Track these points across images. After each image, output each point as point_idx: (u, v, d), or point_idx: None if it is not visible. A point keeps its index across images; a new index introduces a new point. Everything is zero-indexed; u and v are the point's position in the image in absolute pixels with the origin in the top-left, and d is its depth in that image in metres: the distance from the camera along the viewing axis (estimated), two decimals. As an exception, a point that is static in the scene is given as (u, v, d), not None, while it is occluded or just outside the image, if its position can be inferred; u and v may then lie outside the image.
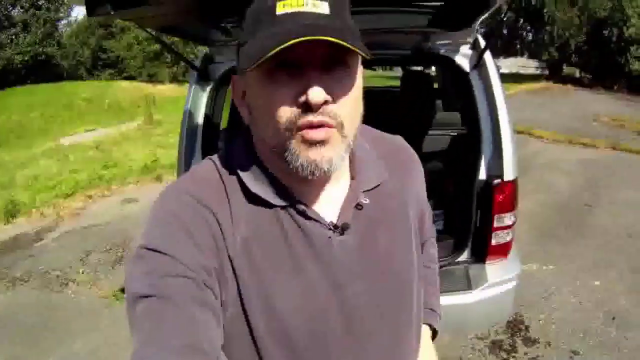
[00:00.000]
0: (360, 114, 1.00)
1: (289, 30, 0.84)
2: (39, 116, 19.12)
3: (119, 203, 8.39)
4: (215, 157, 1.08)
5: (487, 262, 3.17)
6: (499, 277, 3.12)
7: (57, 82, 27.01)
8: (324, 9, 0.89)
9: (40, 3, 30.92)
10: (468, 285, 3.08)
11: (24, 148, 14.40)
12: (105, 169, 10.46)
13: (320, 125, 0.89)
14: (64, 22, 35.36)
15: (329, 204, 1.04)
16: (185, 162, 3.32)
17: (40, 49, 29.51)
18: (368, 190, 1.08)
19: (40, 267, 5.93)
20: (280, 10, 0.88)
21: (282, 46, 0.81)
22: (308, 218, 1.01)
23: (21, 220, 7.85)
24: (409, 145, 1.28)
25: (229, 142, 1.11)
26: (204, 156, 3.27)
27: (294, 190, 1.01)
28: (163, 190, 1.02)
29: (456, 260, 3.21)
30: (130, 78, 29.35)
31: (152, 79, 28.42)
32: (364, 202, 1.06)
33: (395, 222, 1.12)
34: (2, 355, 4.21)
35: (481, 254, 3.18)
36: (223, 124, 3.68)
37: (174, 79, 28.19)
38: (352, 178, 1.08)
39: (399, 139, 1.29)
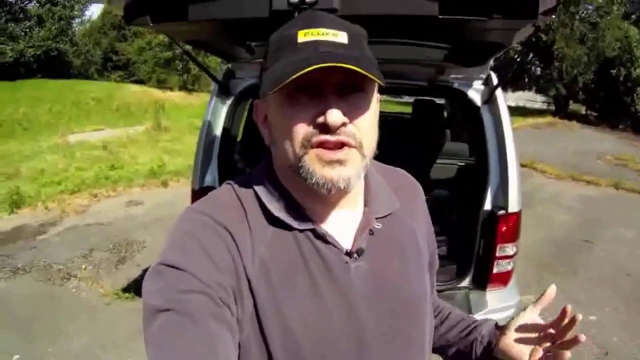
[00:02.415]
0: (376, 138, 1.03)
1: (308, 57, 0.89)
2: (47, 111, 19.10)
3: (124, 204, 8.44)
4: (233, 181, 1.11)
5: (487, 289, 3.27)
6: (498, 304, 3.22)
7: (67, 79, 27.02)
8: (343, 38, 0.94)
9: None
10: (468, 309, 3.17)
11: (30, 141, 14.41)
12: (112, 170, 10.51)
13: (338, 145, 0.93)
14: (78, 20, 35.52)
15: (343, 229, 1.05)
16: (201, 170, 3.42)
17: (53, 45, 29.51)
18: (380, 218, 1.11)
19: (42, 260, 5.99)
20: (301, 38, 0.94)
21: (301, 72, 0.85)
22: (326, 242, 1.02)
23: (25, 211, 7.93)
24: (413, 178, 1.31)
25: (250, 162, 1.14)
26: (219, 166, 3.37)
27: (311, 212, 1.04)
28: (182, 212, 1.05)
29: (458, 286, 3.30)
30: (139, 82, 29.37)
31: (161, 84, 28.50)
32: (377, 227, 1.08)
33: (407, 250, 1.14)
34: (-2, 342, 4.24)
35: (482, 281, 3.28)
36: (239, 137, 3.78)
37: (183, 87, 28.30)
38: (365, 205, 1.10)
39: (403, 172, 1.31)
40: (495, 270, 3.20)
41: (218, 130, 3.50)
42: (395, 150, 3.07)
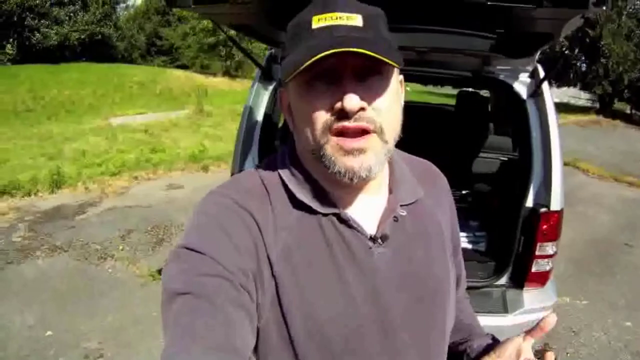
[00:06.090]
0: (399, 122, 1.02)
1: (321, 43, 0.88)
2: (91, 94, 19.31)
3: (164, 187, 8.54)
4: (257, 166, 1.12)
5: (525, 288, 3.20)
6: (535, 304, 3.16)
7: (110, 63, 27.36)
8: (358, 21, 0.93)
9: (100, -16, 31.33)
10: (504, 308, 3.12)
11: (73, 123, 14.59)
12: (153, 153, 10.63)
13: (358, 132, 0.93)
14: (122, 5, 35.96)
15: (368, 214, 1.05)
16: (242, 155, 3.41)
17: (97, 29, 29.87)
18: (405, 205, 1.10)
19: (80, 239, 6.10)
20: (315, 24, 0.93)
21: (313, 59, 0.86)
22: (350, 227, 1.02)
23: (66, 191, 8.07)
24: (439, 170, 1.30)
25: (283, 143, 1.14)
26: (260, 151, 3.36)
27: (335, 197, 1.04)
28: (205, 195, 1.05)
29: (495, 283, 3.24)
30: (182, 67, 29.58)
31: (204, 70, 28.67)
32: (402, 214, 1.09)
33: (430, 239, 1.14)
34: (32, 317, 4.34)
35: (520, 279, 3.21)
36: (280, 123, 3.76)
37: (226, 73, 28.41)
38: (390, 192, 1.10)
39: (428, 162, 1.30)
40: (533, 269, 3.14)
41: (259, 116, 3.49)
42: (439, 143, 3.04)
